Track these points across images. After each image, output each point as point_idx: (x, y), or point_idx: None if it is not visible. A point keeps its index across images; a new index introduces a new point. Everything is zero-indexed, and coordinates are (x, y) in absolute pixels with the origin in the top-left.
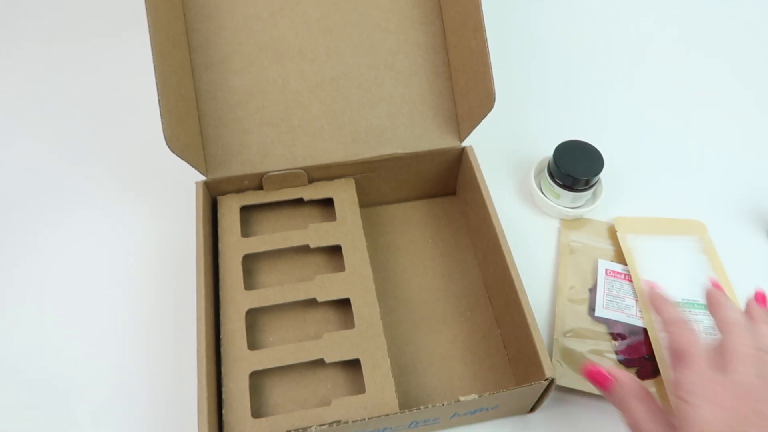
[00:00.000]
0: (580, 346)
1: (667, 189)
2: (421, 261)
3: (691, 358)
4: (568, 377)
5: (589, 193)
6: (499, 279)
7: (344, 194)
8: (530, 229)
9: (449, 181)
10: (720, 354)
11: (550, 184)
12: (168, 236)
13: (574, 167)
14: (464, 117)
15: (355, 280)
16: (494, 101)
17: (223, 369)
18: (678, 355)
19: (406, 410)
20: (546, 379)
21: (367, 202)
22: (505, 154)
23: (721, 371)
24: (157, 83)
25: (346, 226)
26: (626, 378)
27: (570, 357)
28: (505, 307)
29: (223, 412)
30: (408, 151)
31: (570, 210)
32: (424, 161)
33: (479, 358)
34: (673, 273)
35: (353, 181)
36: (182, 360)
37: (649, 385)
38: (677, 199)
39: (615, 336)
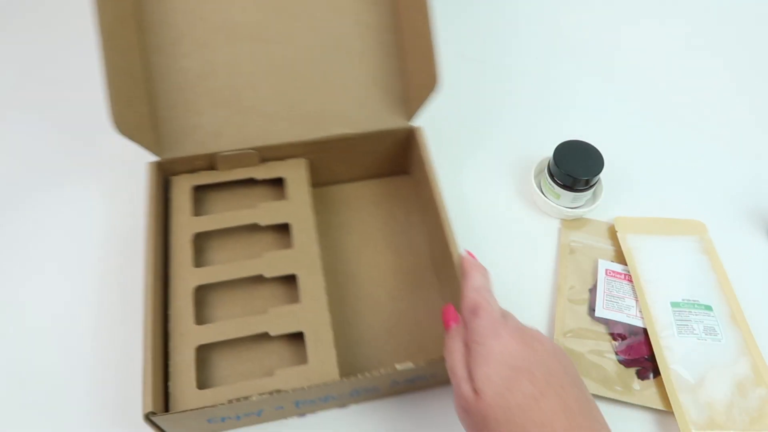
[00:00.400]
0: (580, 347)
1: (667, 189)
2: (372, 239)
3: (484, 311)
4: None
5: (589, 193)
6: (443, 255)
7: (295, 174)
8: (530, 229)
9: (402, 161)
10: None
11: (550, 184)
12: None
13: (574, 167)
14: (412, 98)
15: (301, 257)
16: (437, 82)
17: (170, 344)
18: (474, 311)
19: (344, 378)
20: None
21: (320, 181)
22: (504, 154)
23: (504, 320)
24: (103, 65)
25: (296, 205)
26: (462, 323)
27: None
28: (447, 282)
29: (169, 384)
30: (358, 131)
31: (570, 210)
32: (374, 141)
33: (424, 330)
34: (673, 273)
35: (304, 161)
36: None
37: (649, 385)
38: (677, 199)
39: (615, 336)
